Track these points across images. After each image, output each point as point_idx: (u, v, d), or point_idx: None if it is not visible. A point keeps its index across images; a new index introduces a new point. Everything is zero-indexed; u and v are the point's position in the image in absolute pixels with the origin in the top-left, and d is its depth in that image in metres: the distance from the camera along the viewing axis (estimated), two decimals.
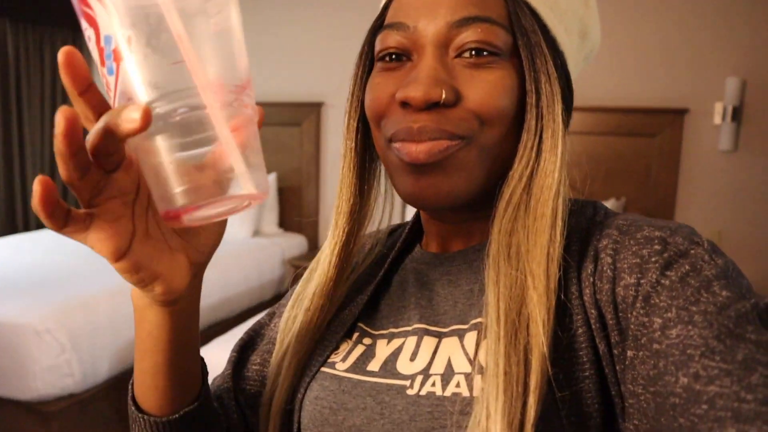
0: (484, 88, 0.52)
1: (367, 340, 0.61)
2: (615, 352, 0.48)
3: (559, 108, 0.53)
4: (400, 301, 0.63)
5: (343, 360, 0.60)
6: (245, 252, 3.57)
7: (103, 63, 0.38)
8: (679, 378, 0.41)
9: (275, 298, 3.71)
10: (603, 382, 0.48)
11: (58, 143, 0.35)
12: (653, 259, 0.47)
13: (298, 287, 0.68)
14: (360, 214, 0.65)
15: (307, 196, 4.15)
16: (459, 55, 0.53)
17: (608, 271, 0.49)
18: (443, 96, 0.51)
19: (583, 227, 0.55)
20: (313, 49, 4.06)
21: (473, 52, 0.53)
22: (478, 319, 0.54)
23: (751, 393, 0.38)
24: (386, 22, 0.57)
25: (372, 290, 0.64)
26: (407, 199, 0.55)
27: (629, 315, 0.47)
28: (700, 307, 0.43)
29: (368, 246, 0.70)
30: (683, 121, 3.23)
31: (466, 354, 0.52)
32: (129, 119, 0.34)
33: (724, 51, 3.15)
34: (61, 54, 0.36)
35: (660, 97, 3.24)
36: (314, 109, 4.05)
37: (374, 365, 0.57)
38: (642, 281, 0.47)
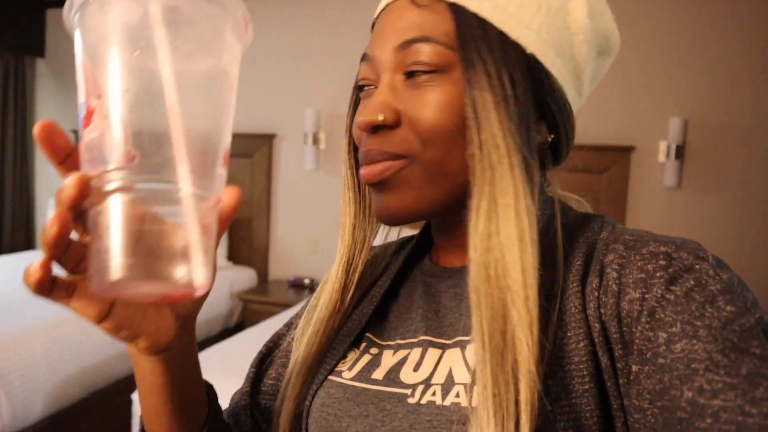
0: (421, 107, 0.54)
1: (374, 350, 0.62)
2: (618, 365, 0.48)
3: (496, 117, 0.51)
4: (407, 312, 0.64)
5: (350, 369, 0.61)
6: None
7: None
8: (683, 392, 0.41)
9: (223, 333, 3.60)
10: (604, 395, 0.48)
11: (48, 239, 0.36)
12: (658, 274, 0.47)
13: (312, 299, 0.69)
14: (363, 229, 0.66)
15: (258, 229, 4.08)
16: (408, 77, 0.55)
17: (613, 285, 0.49)
18: (380, 119, 0.54)
19: (589, 242, 0.55)
20: (265, 80, 4.03)
21: (414, 73, 0.55)
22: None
23: (755, 407, 0.38)
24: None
25: (378, 301, 0.66)
26: (376, 217, 0.61)
27: (634, 329, 0.47)
28: (705, 321, 0.43)
29: (379, 258, 0.71)
30: (630, 158, 3.33)
31: (467, 364, 0.53)
32: (66, 186, 0.35)
33: (667, 92, 3.27)
34: (37, 127, 0.38)
35: (608, 134, 3.33)
36: (266, 140, 4.02)
37: (379, 374, 0.59)
38: (647, 296, 0.47)
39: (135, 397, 2.01)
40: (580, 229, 0.57)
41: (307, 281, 3.86)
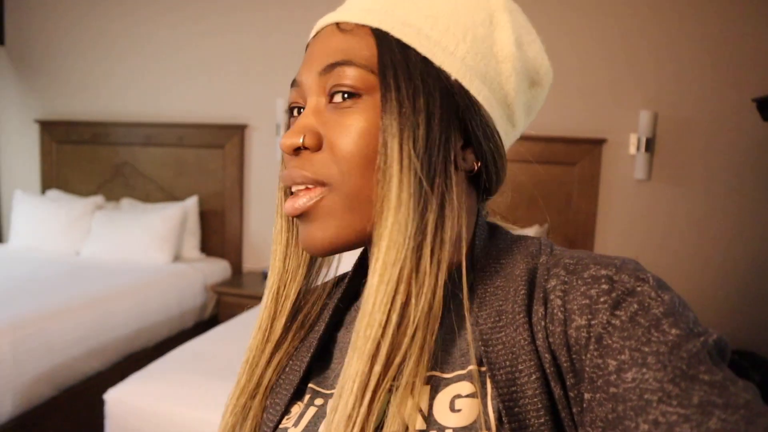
0: (340, 133, 0.54)
1: (318, 401, 0.60)
2: (571, 394, 0.48)
3: (398, 144, 0.51)
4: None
5: (295, 425, 0.59)
6: (164, 278, 3.42)
7: None
8: (639, 424, 0.41)
9: (197, 326, 3.58)
10: (559, 427, 0.48)
11: None
12: (602, 299, 0.47)
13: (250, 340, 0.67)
14: (295, 257, 0.65)
15: (231, 220, 4.04)
16: (330, 101, 0.56)
17: (559, 313, 0.49)
18: (301, 141, 0.55)
19: (530, 267, 0.54)
20: (235, 70, 3.99)
21: (334, 96, 0.55)
22: (431, 372, 0.53)
23: None
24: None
25: (315, 349, 0.63)
26: (302, 248, 0.60)
27: (583, 357, 0.47)
28: (652, 347, 0.44)
29: (317, 296, 0.69)
30: (601, 150, 3.37)
31: (420, 410, 0.52)
32: None
33: (638, 85, 3.31)
34: None
35: (579, 127, 3.37)
36: (237, 131, 3.97)
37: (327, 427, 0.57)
38: (593, 322, 0.47)
39: (107, 396, 1.99)
40: (518, 253, 0.57)
41: None
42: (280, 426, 0.60)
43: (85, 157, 4.30)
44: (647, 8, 3.28)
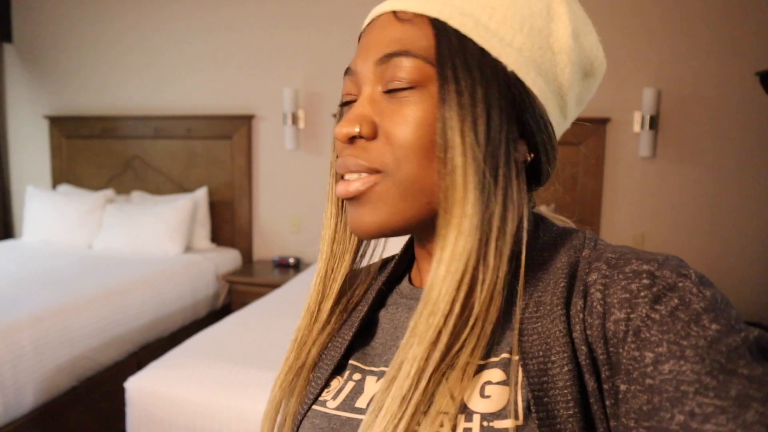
0: (397, 122, 0.55)
1: (357, 376, 0.63)
2: (605, 387, 0.48)
3: (459, 136, 0.52)
4: (392, 339, 0.64)
5: (334, 398, 0.62)
6: (177, 269, 3.47)
7: None
8: (674, 415, 0.41)
9: (210, 316, 3.63)
10: (588, 421, 0.48)
11: None
12: (642, 294, 0.47)
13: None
14: (342, 243, 0.67)
15: (240, 210, 4.09)
16: (386, 91, 0.56)
17: (598, 306, 0.49)
18: (357, 130, 0.56)
19: (572, 261, 0.54)
20: (242, 60, 4.01)
21: (392, 87, 0.56)
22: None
23: (747, 431, 0.39)
24: None
25: (357, 327, 0.66)
26: (351, 230, 0.60)
27: (621, 350, 0.47)
28: (691, 341, 0.43)
29: (361, 278, 0.71)
30: (606, 129, 3.38)
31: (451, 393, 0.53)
32: None
33: (640, 63, 3.31)
34: None
35: (584, 107, 3.37)
36: (245, 121, 4.00)
37: (362, 402, 0.59)
38: (632, 316, 0.47)
39: (128, 384, 2.04)
40: (562, 246, 0.57)
41: (291, 260, 3.89)
42: (320, 398, 0.63)
43: (95, 152, 4.35)
44: None
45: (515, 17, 0.55)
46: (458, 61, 0.53)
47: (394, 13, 0.57)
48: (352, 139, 0.57)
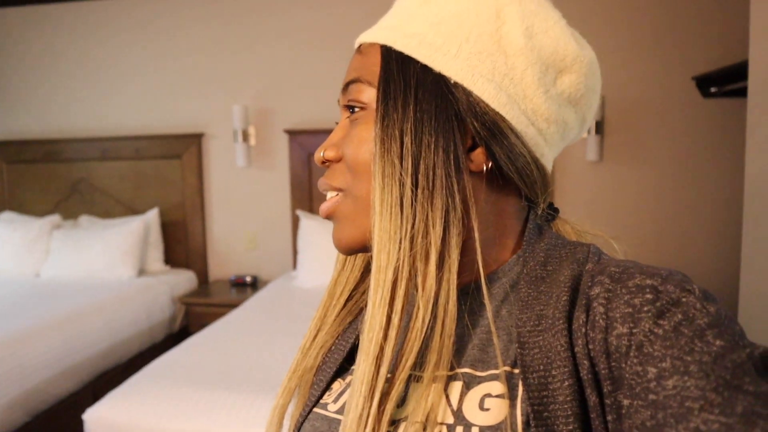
0: (349, 143, 0.59)
1: None
2: (607, 402, 0.47)
3: (380, 151, 0.54)
4: (405, 339, 0.65)
5: (335, 401, 0.63)
6: (131, 293, 3.39)
7: None
8: (679, 431, 0.41)
9: (167, 340, 3.55)
10: None
11: None
12: (645, 309, 0.47)
13: None
14: (352, 260, 0.70)
15: (194, 230, 4.02)
16: (348, 116, 0.61)
17: (600, 320, 0.49)
18: (322, 155, 0.62)
19: (575, 274, 0.54)
20: (189, 78, 3.96)
21: (352, 111, 0.60)
22: (465, 369, 0.55)
23: None
24: None
25: (358, 332, 0.66)
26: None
27: (623, 364, 0.46)
28: (695, 357, 0.43)
29: (365, 287, 0.73)
30: None
31: (450, 404, 0.53)
32: None
33: None
34: None
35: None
36: (195, 140, 3.95)
37: None
38: (635, 330, 0.46)
39: (86, 416, 1.98)
40: (566, 259, 0.56)
41: (248, 279, 3.84)
42: (321, 401, 0.64)
43: (39, 176, 4.21)
44: None
45: (461, 28, 0.56)
46: (393, 82, 0.56)
47: (359, 47, 0.62)
48: (325, 163, 0.62)
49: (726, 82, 2.90)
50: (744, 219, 1.87)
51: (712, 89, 3.04)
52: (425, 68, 0.56)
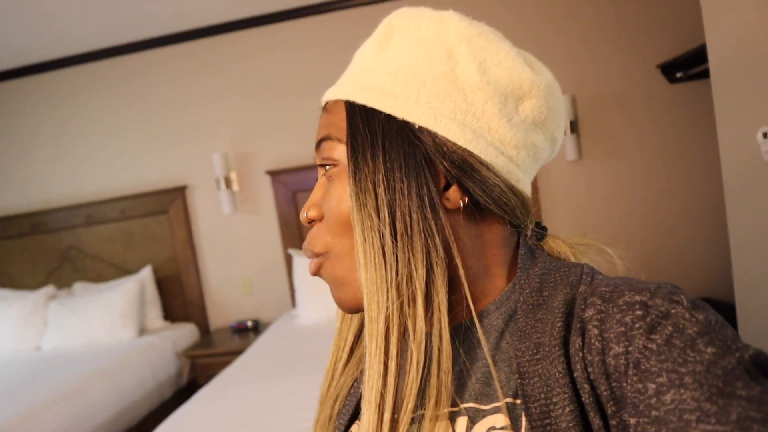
0: (327, 201, 0.61)
1: None
2: (612, 423, 0.47)
3: (356, 205, 0.56)
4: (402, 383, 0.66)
5: None
6: (134, 354, 3.36)
7: None
8: None
9: (176, 396, 3.52)
10: None
11: None
12: (637, 325, 0.47)
13: None
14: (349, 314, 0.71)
15: (189, 282, 4.01)
16: (325, 174, 0.62)
17: (596, 342, 0.49)
18: (305, 216, 0.63)
19: (568, 299, 0.54)
20: (167, 133, 3.98)
21: (324, 169, 0.62)
22: (470, 404, 0.56)
23: None
24: None
25: None
26: None
27: (624, 383, 0.47)
28: (689, 367, 0.44)
29: None
30: None
31: None
32: None
33: (555, 72, 3.45)
34: None
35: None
36: (178, 193, 3.96)
37: None
38: (630, 348, 0.47)
39: None
40: (560, 283, 0.57)
41: (249, 323, 3.83)
42: None
43: (27, 249, 4.20)
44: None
45: (417, 74, 0.57)
46: (361, 134, 0.57)
47: (325, 105, 0.63)
48: (311, 222, 0.63)
49: (690, 66, 2.96)
50: (725, 196, 1.90)
51: (678, 74, 3.10)
52: (389, 117, 0.57)
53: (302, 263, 3.56)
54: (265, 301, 3.98)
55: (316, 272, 0.62)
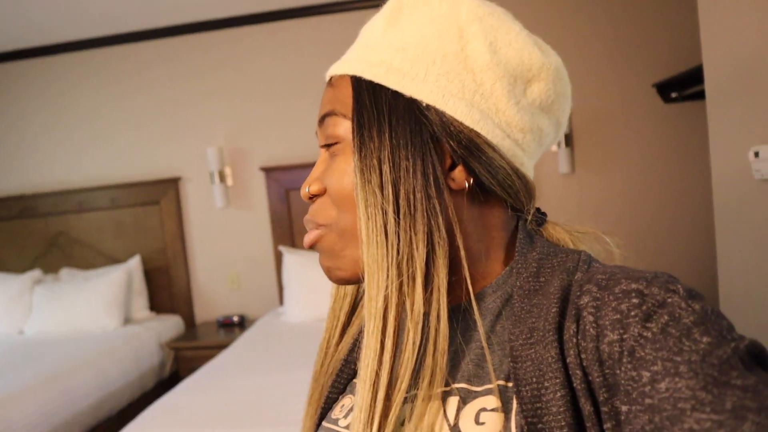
0: (331, 176, 0.61)
1: None
2: (603, 409, 0.48)
3: (360, 181, 0.56)
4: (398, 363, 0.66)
5: (345, 416, 0.64)
6: (118, 343, 3.35)
7: None
8: None
9: (158, 387, 3.51)
10: None
11: None
12: (633, 313, 0.47)
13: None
14: (342, 290, 0.72)
15: (177, 274, 4.00)
16: (327, 149, 0.63)
17: (591, 329, 0.49)
18: (306, 191, 0.63)
19: (564, 285, 0.54)
20: (162, 124, 3.98)
21: (329, 145, 0.62)
22: (461, 384, 0.57)
23: None
24: None
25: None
26: None
27: (617, 370, 0.47)
28: (684, 356, 0.44)
29: None
30: None
31: (447, 419, 0.54)
32: None
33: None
34: None
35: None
36: (172, 184, 3.96)
37: None
38: (625, 336, 0.47)
39: None
40: (557, 269, 0.57)
41: (236, 318, 3.83)
42: (332, 416, 0.66)
43: (16, 233, 4.17)
44: (545, 8, 3.50)
45: (426, 52, 0.57)
46: (365, 111, 0.57)
47: (330, 79, 0.63)
48: (311, 198, 0.63)
49: (685, 86, 3.01)
50: (715, 216, 1.93)
51: (673, 94, 3.14)
52: (396, 94, 0.57)
53: (292, 261, 3.56)
54: (252, 297, 3.98)
55: (314, 242, 0.63)
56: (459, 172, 0.58)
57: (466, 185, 0.58)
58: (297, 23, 3.79)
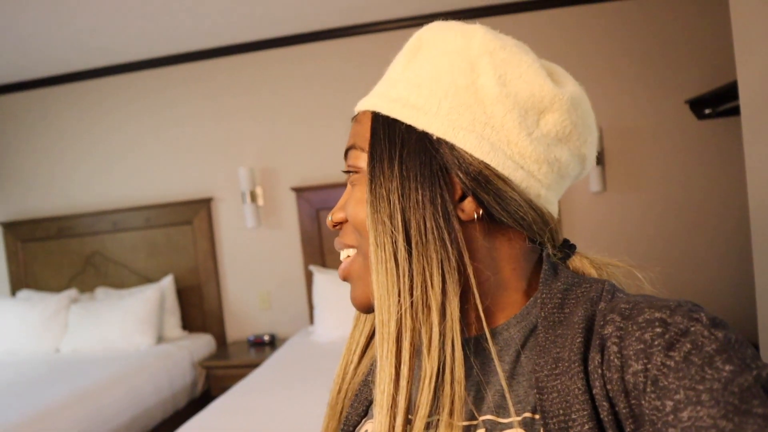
0: (351, 205, 0.64)
1: None
2: None
3: (370, 211, 0.59)
4: (418, 381, 0.65)
5: None
6: (151, 361, 3.39)
7: None
8: None
9: (190, 405, 3.54)
10: None
11: None
12: (656, 342, 0.47)
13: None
14: (363, 317, 0.74)
15: (209, 293, 4.05)
16: (350, 180, 0.66)
17: (615, 360, 0.49)
18: (330, 219, 0.67)
19: (588, 315, 0.54)
20: (194, 145, 4.05)
21: (348, 175, 0.66)
22: (487, 416, 0.56)
23: None
24: None
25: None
26: None
27: (642, 401, 0.47)
28: (706, 385, 0.44)
29: None
30: None
31: None
32: None
33: (592, 102, 3.48)
34: None
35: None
36: (204, 205, 4.01)
37: None
38: (649, 366, 0.47)
39: None
40: (581, 299, 0.57)
41: (266, 338, 3.84)
42: None
43: (53, 253, 4.27)
44: (576, 28, 3.49)
45: (439, 86, 0.59)
46: (381, 143, 0.60)
47: (356, 115, 0.67)
48: (336, 226, 0.68)
49: (719, 102, 2.96)
50: (752, 234, 1.88)
51: (706, 111, 3.10)
52: (409, 128, 0.59)
53: (322, 280, 3.58)
54: (282, 317, 3.99)
55: (347, 272, 0.66)
56: (468, 203, 0.59)
57: (475, 216, 0.59)
58: (326, 45, 3.84)
